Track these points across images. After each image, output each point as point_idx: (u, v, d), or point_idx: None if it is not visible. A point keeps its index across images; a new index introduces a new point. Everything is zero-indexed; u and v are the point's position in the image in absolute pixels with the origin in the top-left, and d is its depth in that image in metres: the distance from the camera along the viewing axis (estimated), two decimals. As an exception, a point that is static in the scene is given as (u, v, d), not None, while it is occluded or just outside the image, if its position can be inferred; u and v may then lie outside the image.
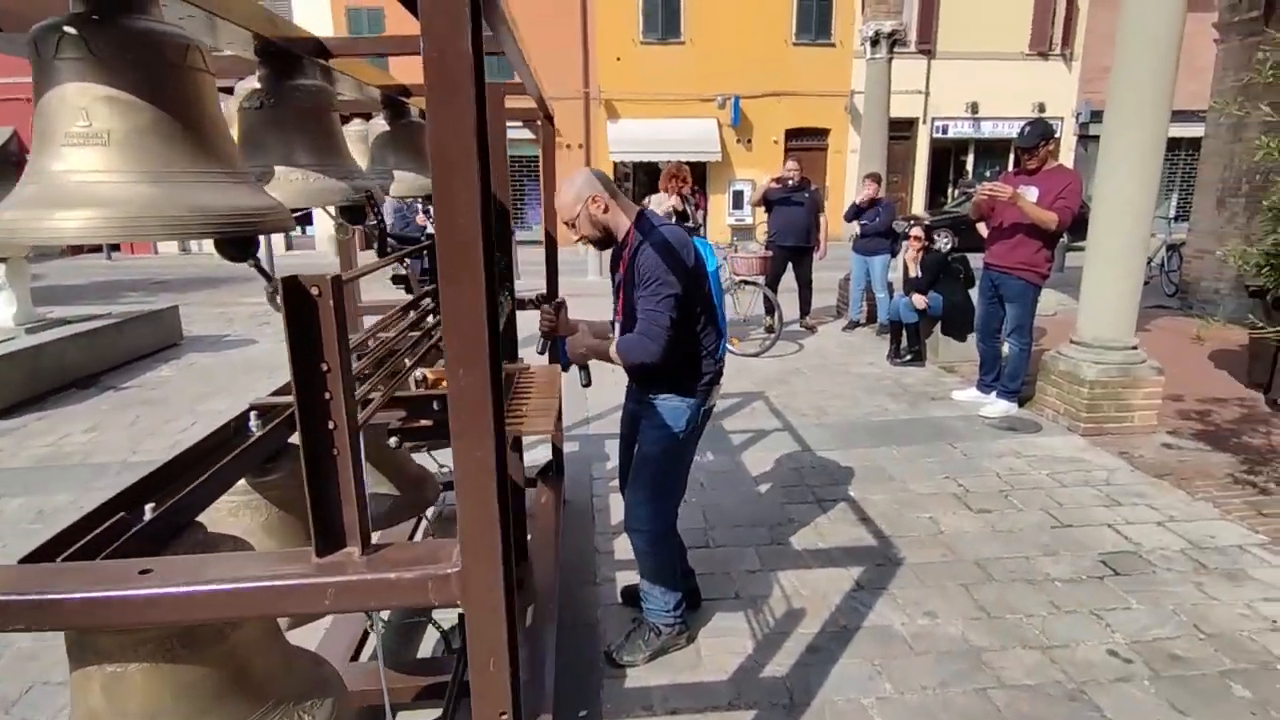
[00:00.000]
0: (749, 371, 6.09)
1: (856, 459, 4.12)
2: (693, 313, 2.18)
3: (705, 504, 3.58)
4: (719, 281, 2.30)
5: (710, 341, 2.25)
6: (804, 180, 7.15)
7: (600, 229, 2.20)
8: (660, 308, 2.07)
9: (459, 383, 0.93)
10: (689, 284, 2.12)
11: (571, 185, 2.18)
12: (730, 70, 18.10)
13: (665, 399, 2.26)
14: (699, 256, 2.19)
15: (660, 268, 2.06)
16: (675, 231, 2.14)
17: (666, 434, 2.26)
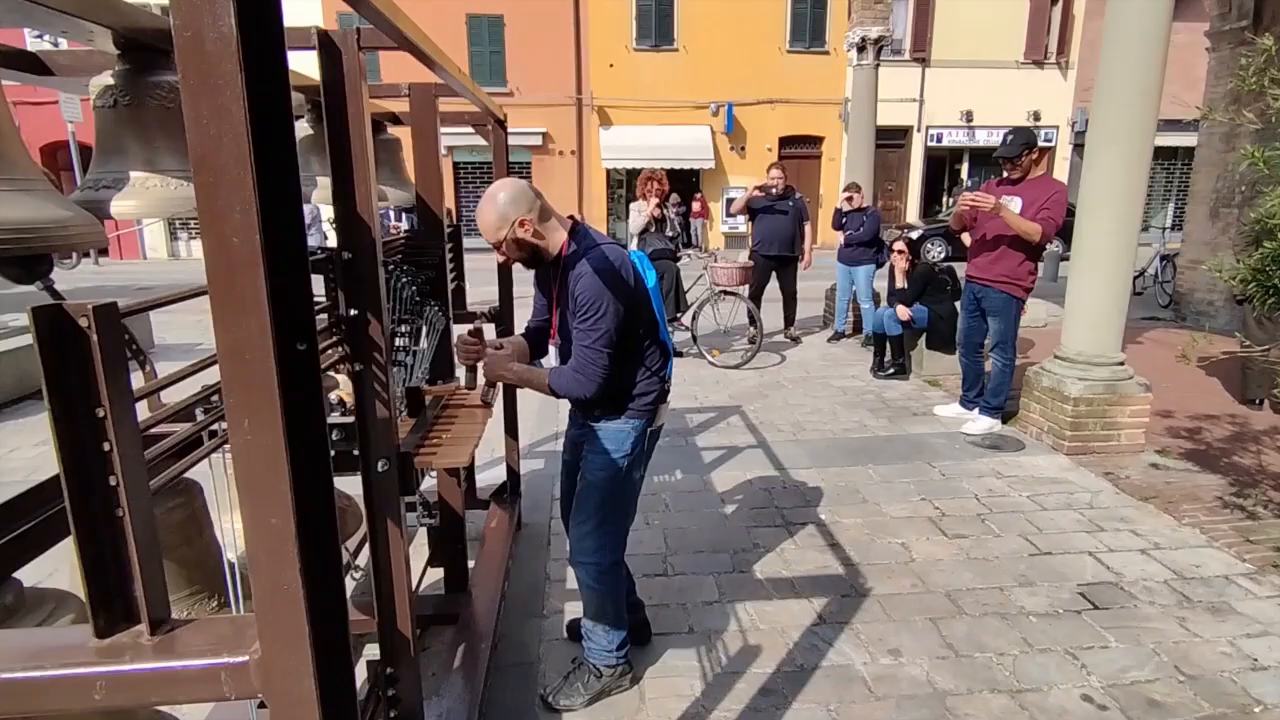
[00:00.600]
0: (728, 384, 5.93)
1: (831, 479, 3.96)
2: (635, 334, 2.03)
3: (667, 527, 3.42)
4: (659, 296, 2.14)
5: (654, 360, 2.10)
6: (789, 188, 7.01)
7: (528, 251, 2.02)
8: (598, 344, 1.92)
9: (244, 437, 0.77)
10: (630, 306, 1.98)
11: (494, 205, 1.94)
12: (724, 77, 18.02)
13: (608, 422, 2.11)
14: (636, 274, 2.04)
15: (598, 297, 1.90)
16: (613, 250, 1.99)
17: (610, 459, 2.10)
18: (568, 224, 2.05)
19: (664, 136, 18.07)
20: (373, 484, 1.67)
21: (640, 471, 2.19)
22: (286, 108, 0.79)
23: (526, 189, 1.99)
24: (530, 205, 1.97)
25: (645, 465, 2.22)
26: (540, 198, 2.02)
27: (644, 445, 2.14)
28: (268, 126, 0.74)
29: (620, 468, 2.11)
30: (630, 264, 2.01)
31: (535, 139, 18.37)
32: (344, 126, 1.48)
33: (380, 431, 1.65)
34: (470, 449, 1.82)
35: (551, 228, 2.02)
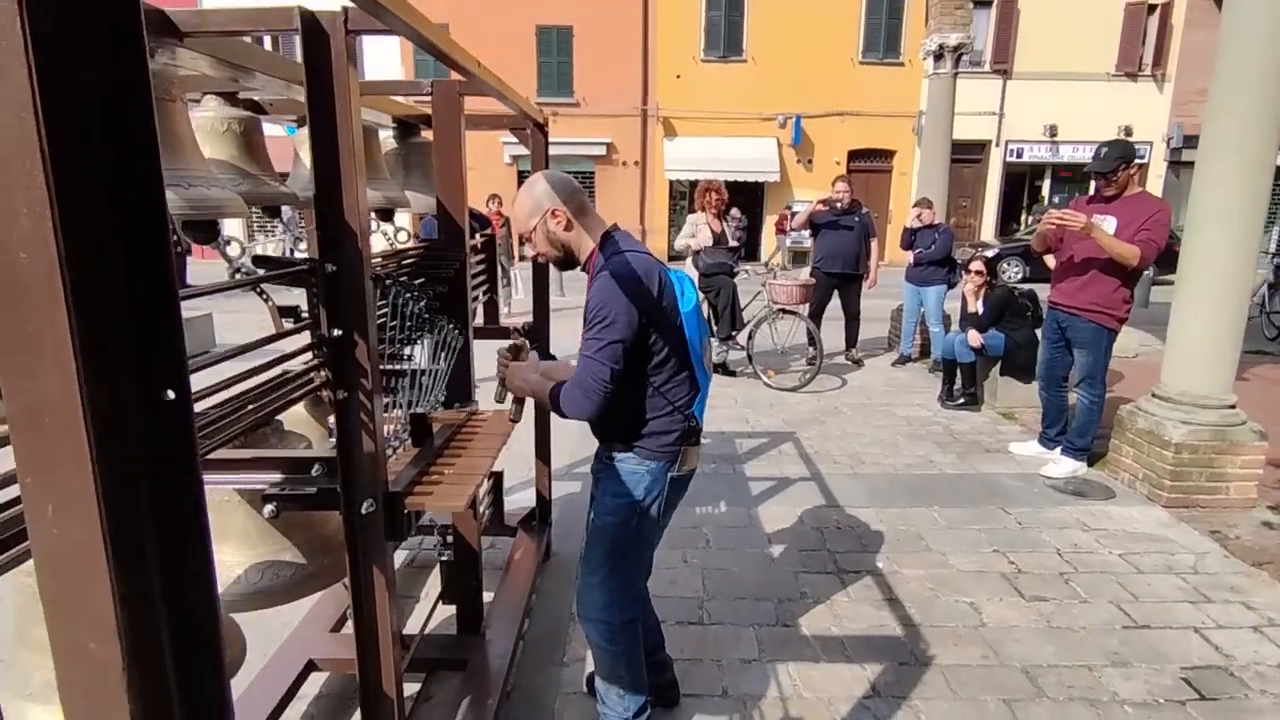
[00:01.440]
0: (783, 407, 5.59)
1: (890, 521, 3.60)
2: (654, 357, 1.78)
3: (707, 566, 3.14)
4: (699, 321, 1.88)
5: (680, 394, 1.84)
6: (854, 202, 6.64)
7: (560, 248, 1.83)
8: (601, 356, 1.69)
9: (48, 531, 0.55)
10: (649, 324, 1.74)
11: (530, 193, 1.81)
12: (792, 89, 17.63)
13: (623, 460, 1.86)
14: (669, 291, 1.79)
15: (609, 305, 1.68)
16: (636, 259, 1.75)
17: (622, 503, 1.85)
18: (601, 229, 1.84)
19: (729, 148, 17.78)
20: (355, 527, 1.46)
21: (658, 520, 1.92)
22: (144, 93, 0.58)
23: (569, 181, 1.84)
24: (567, 197, 1.80)
25: (666, 514, 1.95)
26: (582, 195, 1.84)
27: (664, 491, 1.87)
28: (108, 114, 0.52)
29: (631, 514, 1.86)
30: (659, 276, 1.77)
31: (599, 149, 18.36)
32: (329, 120, 1.28)
33: (365, 467, 1.44)
34: (471, 489, 1.60)
35: (587, 227, 1.83)
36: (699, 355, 1.85)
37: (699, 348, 1.85)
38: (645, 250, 1.83)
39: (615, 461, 1.87)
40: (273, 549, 1.82)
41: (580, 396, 1.72)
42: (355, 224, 1.35)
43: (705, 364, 1.89)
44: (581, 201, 1.83)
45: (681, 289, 1.83)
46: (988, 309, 5.38)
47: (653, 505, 1.86)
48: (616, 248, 1.79)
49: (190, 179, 1.21)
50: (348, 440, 1.43)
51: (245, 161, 1.86)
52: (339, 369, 1.40)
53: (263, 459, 1.47)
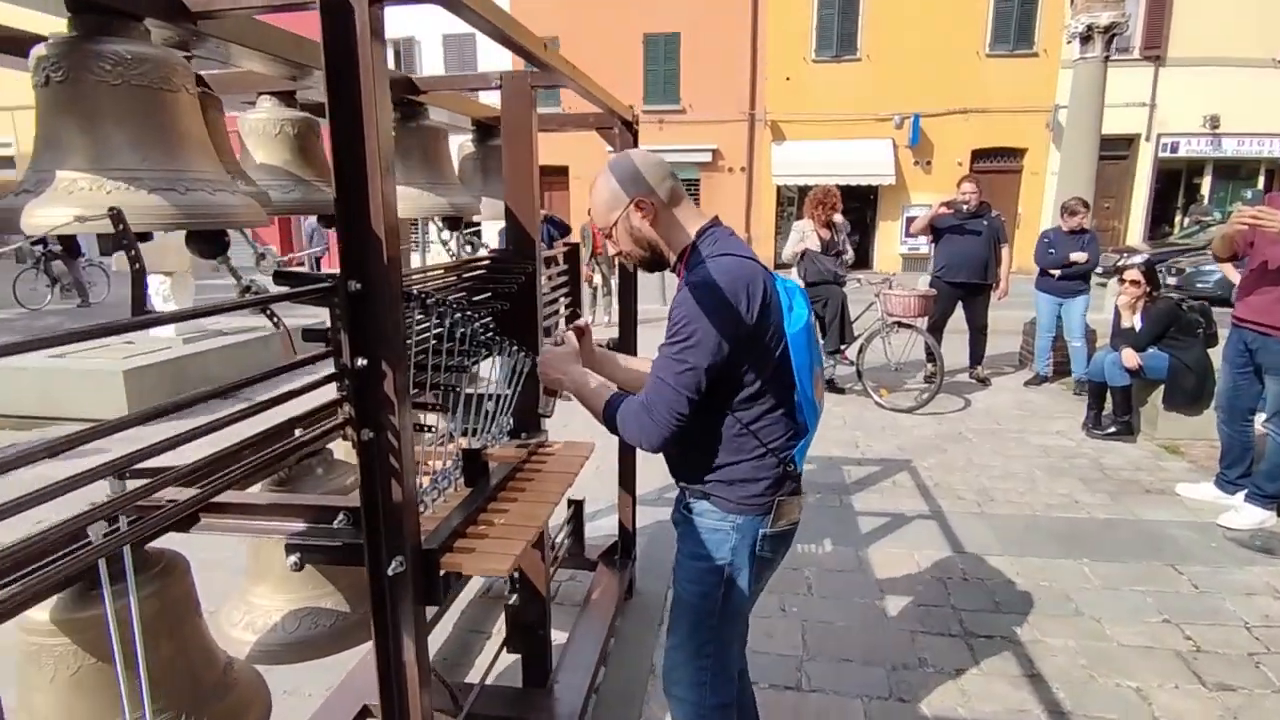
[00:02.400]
0: (897, 431, 5.08)
1: (1029, 574, 3.08)
2: (745, 388, 1.46)
3: (808, 618, 2.76)
4: (811, 344, 1.53)
5: (776, 434, 1.50)
6: (983, 205, 6.00)
7: (646, 246, 1.53)
8: (679, 382, 1.39)
9: None
10: (743, 347, 1.41)
11: (609, 181, 1.50)
12: (910, 87, 16.67)
13: (701, 513, 1.55)
14: (774, 307, 1.46)
15: (695, 321, 1.37)
16: (735, 265, 1.43)
17: (703, 569, 1.54)
18: (697, 224, 1.53)
19: (840, 151, 17.01)
20: (381, 589, 1.24)
21: (751, 585, 1.57)
22: None
23: (657, 162, 1.52)
24: (656, 183, 1.49)
25: (762, 576, 1.60)
26: (675, 181, 1.53)
27: (755, 553, 1.53)
28: None
29: (715, 582, 1.54)
30: (764, 287, 1.44)
31: (705, 155, 18.06)
32: (353, 108, 1.07)
33: (394, 520, 1.22)
34: (520, 548, 1.35)
35: (680, 221, 1.52)
36: (807, 388, 1.50)
37: (807, 378, 1.50)
38: (749, 253, 1.49)
39: (694, 515, 1.56)
40: (313, 594, 1.65)
41: (647, 423, 1.42)
42: (384, 233, 1.12)
43: (817, 398, 1.55)
44: (673, 189, 1.52)
45: (790, 303, 1.49)
46: (1147, 324, 4.65)
47: (742, 570, 1.53)
48: (714, 249, 1.47)
49: (189, 182, 1.02)
50: (373, 488, 1.21)
51: (299, 166, 1.71)
52: (364, 404, 1.18)
53: (282, 505, 1.28)
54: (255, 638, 1.61)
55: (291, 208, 1.64)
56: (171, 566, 1.28)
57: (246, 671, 1.44)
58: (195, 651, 1.30)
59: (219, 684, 1.33)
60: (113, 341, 6.38)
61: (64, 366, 5.66)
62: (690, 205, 1.56)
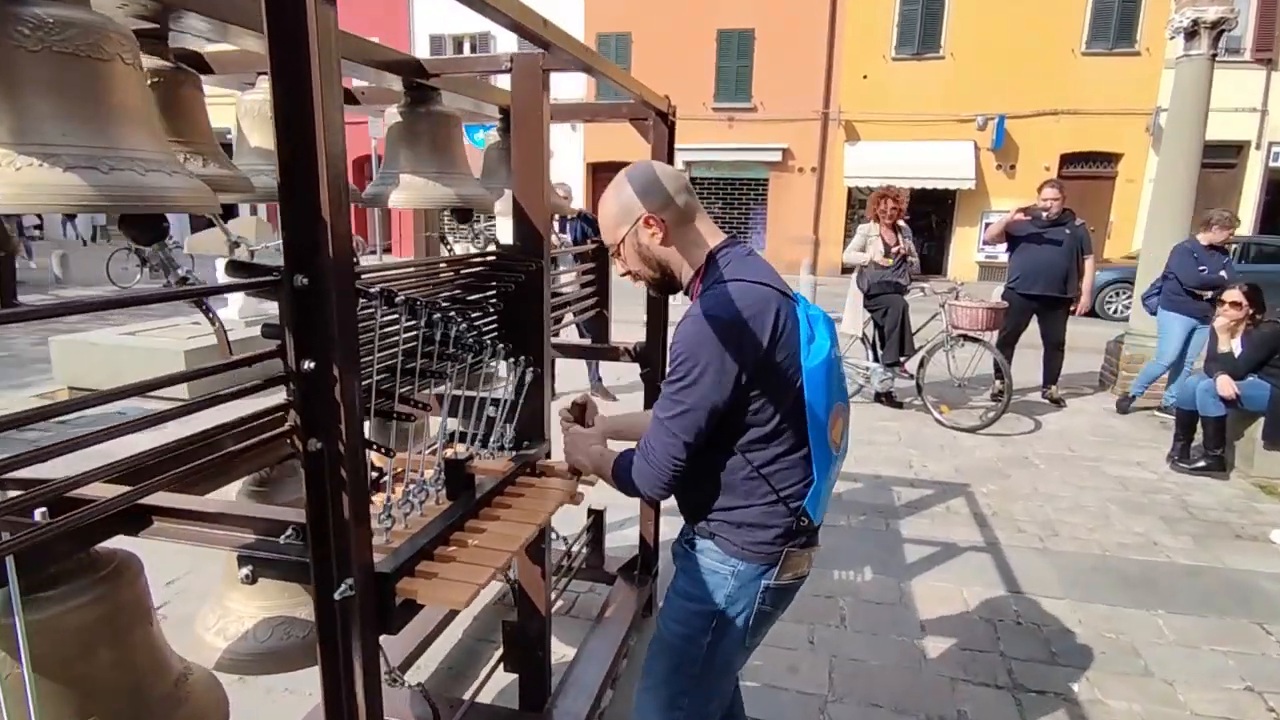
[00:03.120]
0: (956, 451, 4.75)
1: (1094, 622, 2.78)
2: (753, 429, 1.30)
3: (838, 654, 2.55)
4: (831, 379, 1.35)
5: (789, 480, 1.33)
6: (1065, 211, 5.57)
7: (655, 266, 1.40)
8: (676, 424, 1.26)
9: None
10: (751, 385, 1.26)
11: (618, 195, 1.38)
12: (997, 86, 15.87)
13: (703, 550, 1.39)
14: (788, 339, 1.29)
15: (694, 357, 1.24)
16: (743, 293, 1.28)
17: (693, 610, 1.38)
18: (713, 243, 1.38)
19: (917, 153, 16.34)
20: (326, 612, 1.13)
21: (744, 641, 1.41)
22: None
23: (672, 176, 1.38)
24: (666, 200, 1.34)
25: (756, 631, 1.42)
26: (690, 195, 1.38)
27: (753, 605, 1.36)
28: None
29: (703, 627, 1.38)
30: (777, 318, 1.27)
31: (775, 155, 17.67)
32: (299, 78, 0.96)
33: (344, 539, 1.11)
34: (486, 576, 1.22)
35: (692, 241, 1.38)
36: (822, 429, 1.32)
37: (824, 418, 1.31)
38: (765, 278, 1.33)
39: (694, 550, 1.40)
40: (288, 603, 1.57)
41: (644, 470, 1.31)
42: (332, 221, 1.01)
43: (832, 442, 1.35)
44: (688, 204, 1.37)
45: (811, 333, 1.31)
46: (1248, 349, 4.20)
47: (735, 620, 1.36)
48: (720, 274, 1.32)
49: (116, 160, 0.93)
50: (321, 503, 1.10)
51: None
52: (311, 411, 1.07)
53: (229, 515, 1.18)
54: (226, 644, 1.54)
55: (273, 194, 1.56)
56: (122, 569, 1.20)
57: (203, 684, 1.35)
58: (142, 662, 1.22)
59: (167, 698, 1.24)
60: (181, 321, 6.64)
61: (133, 344, 5.91)
62: (706, 222, 1.41)
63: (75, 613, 1.12)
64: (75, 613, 1.12)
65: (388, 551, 1.26)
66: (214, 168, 1.31)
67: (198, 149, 1.31)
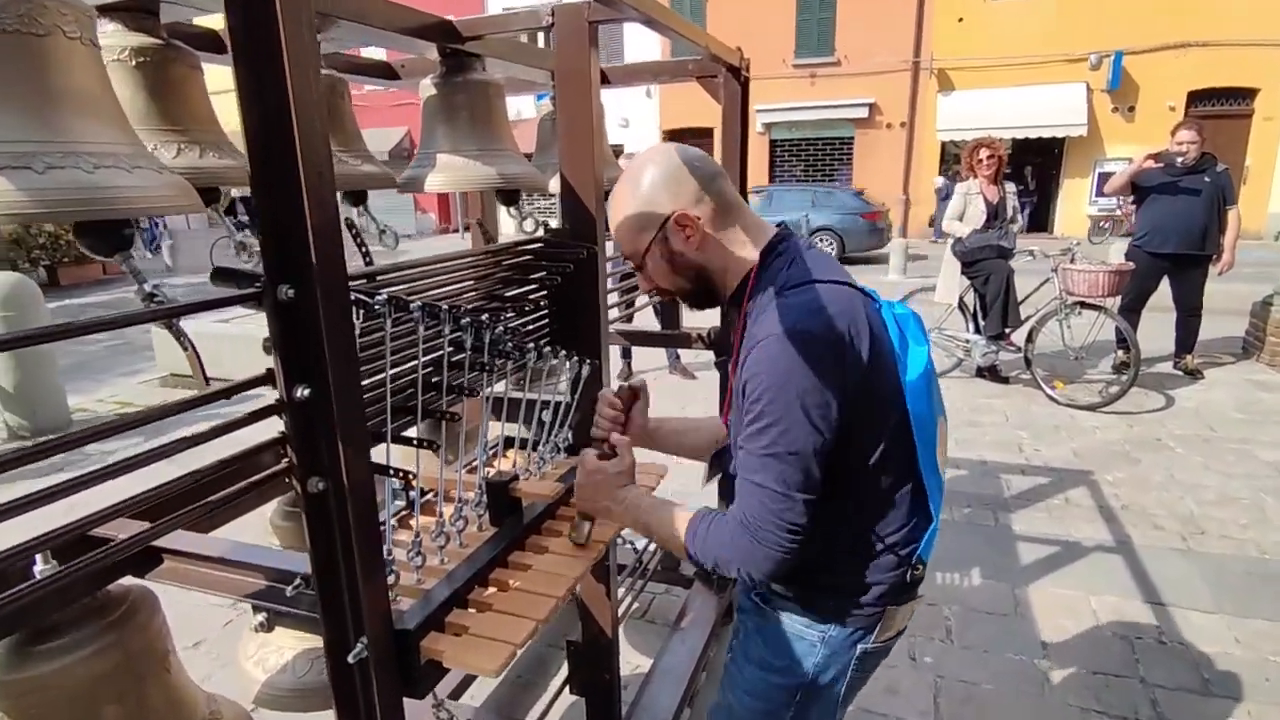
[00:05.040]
0: (1075, 432, 4.27)
1: (1254, 642, 2.38)
2: (854, 463, 1.03)
3: (942, 673, 2.27)
4: (934, 390, 1.09)
5: (896, 522, 1.07)
6: (1205, 156, 4.87)
7: (690, 276, 1.11)
8: (782, 480, 0.96)
9: None
10: (851, 409, 0.98)
11: (633, 188, 1.08)
12: (1112, 20, 14.38)
13: (784, 609, 1.14)
14: (884, 350, 1.03)
15: (781, 392, 0.95)
16: (828, 298, 0.99)
17: (774, 684, 1.14)
18: (765, 238, 1.10)
19: (1019, 100, 15.06)
20: (342, 675, 0.97)
21: (832, 712, 1.16)
22: None
23: (703, 160, 1.09)
24: (699, 191, 1.06)
25: (847, 701, 1.17)
26: (722, 181, 1.09)
27: (847, 673, 1.11)
28: None
29: (784, 703, 1.14)
30: (867, 324, 1.01)
31: (860, 111, 16.72)
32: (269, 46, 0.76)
33: (354, 593, 0.94)
34: (525, 634, 1.03)
35: (738, 238, 1.09)
36: (932, 452, 1.06)
37: (933, 439, 1.06)
38: (840, 274, 1.05)
39: (773, 609, 1.15)
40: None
41: (754, 551, 0.98)
42: (318, 221, 0.82)
43: (940, 461, 1.09)
44: (724, 193, 1.08)
45: (904, 338, 1.04)
46: None
47: (824, 692, 1.12)
48: (790, 274, 1.03)
49: (54, 157, 0.76)
50: (327, 552, 0.93)
51: (321, 134, 1.47)
52: (308, 447, 0.89)
53: (234, 561, 1.03)
54: (265, 677, 1.42)
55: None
56: (137, 607, 1.08)
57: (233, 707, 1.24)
58: (160, 712, 1.10)
59: (186, 752, 1.13)
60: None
61: (227, 332, 6.11)
62: (748, 213, 1.12)
63: (82, 664, 1.00)
64: (82, 664, 1.00)
65: (417, 594, 1.09)
66: (214, 158, 1.15)
67: (194, 138, 1.15)
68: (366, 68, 1.86)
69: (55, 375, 4.98)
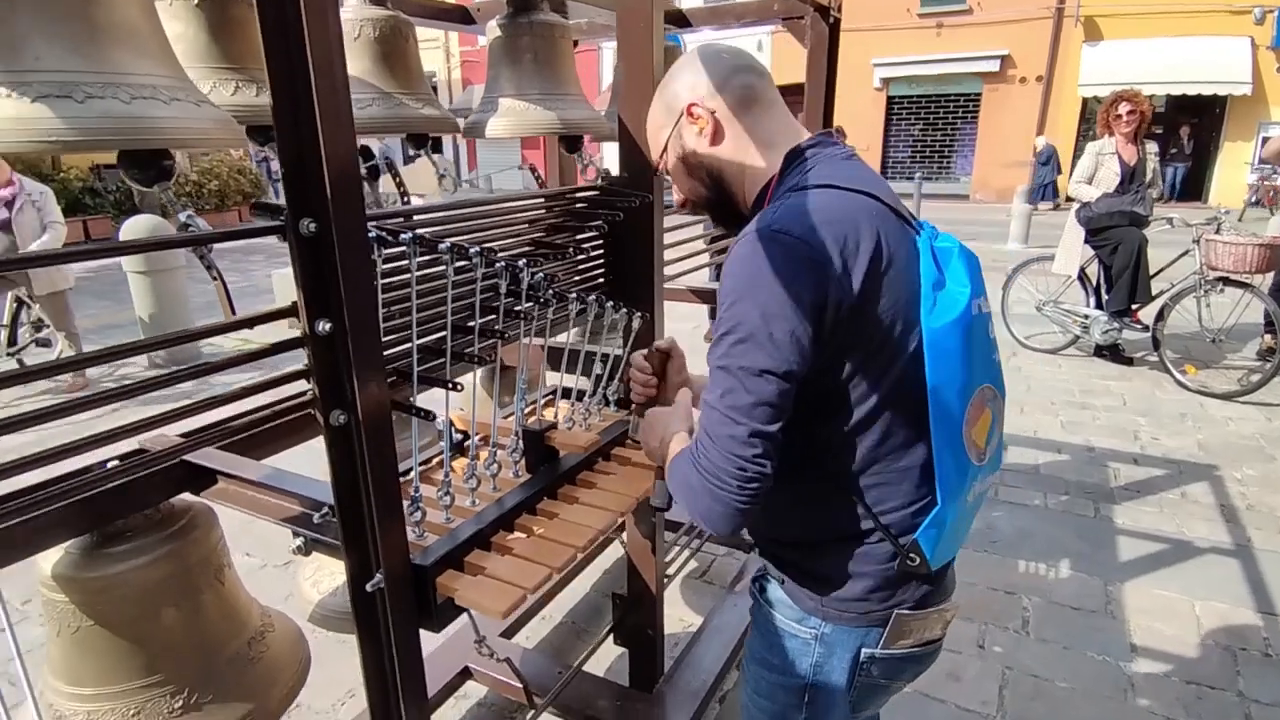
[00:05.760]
0: (1202, 422, 3.86)
1: (1390, 670, 2.10)
2: (837, 407, 0.89)
3: (1014, 664, 2.13)
4: (975, 347, 0.90)
5: (894, 497, 0.92)
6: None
7: (706, 180, 1.01)
8: (739, 406, 0.82)
9: None
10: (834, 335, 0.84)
11: (663, 87, 1.01)
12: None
13: (775, 601, 1.03)
14: (889, 270, 0.86)
15: (754, 295, 0.82)
16: (828, 203, 0.85)
17: (773, 681, 1.05)
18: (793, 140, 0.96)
19: (1177, 52, 13.44)
20: (364, 602, 1.01)
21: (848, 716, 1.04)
22: None
23: (732, 53, 0.98)
24: (715, 83, 0.95)
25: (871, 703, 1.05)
26: (750, 76, 0.97)
27: (854, 676, 0.98)
28: None
29: (792, 705, 1.03)
30: (879, 241, 0.85)
31: (991, 64, 15.43)
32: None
33: (375, 527, 0.97)
34: (538, 580, 1.03)
35: (762, 139, 0.97)
36: (954, 424, 0.88)
37: (957, 407, 0.88)
38: (867, 183, 0.90)
39: (766, 601, 1.05)
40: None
41: (701, 489, 0.84)
42: (333, 154, 0.82)
43: (970, 443, 0.90)
44: (749, 87, 0.96)
45: (939, 275, 0.89)
46: None
47: (832, 694, 1.00)
48: (803, 180, 0.90)
49: (94, 87, 0.79)
50: (348, 485, 0.95)
51: (382, 76, 1.48)
52: (329, 380, 0.92)
53: (270, 486, 1.08)
54: (319, 598, 1.51)
55: (365, 126, 1.42)
56: (196, 522, 1.16)
57: (283, 640, 1.32)
58: (212, 620, 1.19)
59: (238, 657, 1.21)
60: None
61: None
62: (778, 115, 0.98)
63: (145, 569, 1.09)
64: (145, 569, 1.09)
65: (445, 533, 1.11)
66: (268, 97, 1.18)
67: (252, 76, 1.18)
68: (442, 12, 1.86)
69: (188, 312, 5.44)
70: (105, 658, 1.10)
